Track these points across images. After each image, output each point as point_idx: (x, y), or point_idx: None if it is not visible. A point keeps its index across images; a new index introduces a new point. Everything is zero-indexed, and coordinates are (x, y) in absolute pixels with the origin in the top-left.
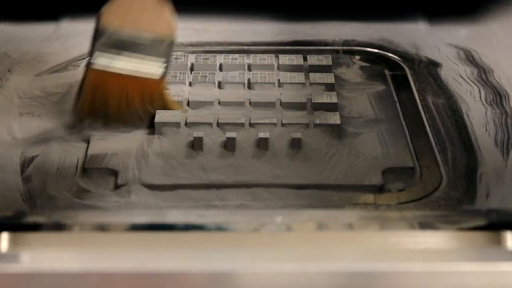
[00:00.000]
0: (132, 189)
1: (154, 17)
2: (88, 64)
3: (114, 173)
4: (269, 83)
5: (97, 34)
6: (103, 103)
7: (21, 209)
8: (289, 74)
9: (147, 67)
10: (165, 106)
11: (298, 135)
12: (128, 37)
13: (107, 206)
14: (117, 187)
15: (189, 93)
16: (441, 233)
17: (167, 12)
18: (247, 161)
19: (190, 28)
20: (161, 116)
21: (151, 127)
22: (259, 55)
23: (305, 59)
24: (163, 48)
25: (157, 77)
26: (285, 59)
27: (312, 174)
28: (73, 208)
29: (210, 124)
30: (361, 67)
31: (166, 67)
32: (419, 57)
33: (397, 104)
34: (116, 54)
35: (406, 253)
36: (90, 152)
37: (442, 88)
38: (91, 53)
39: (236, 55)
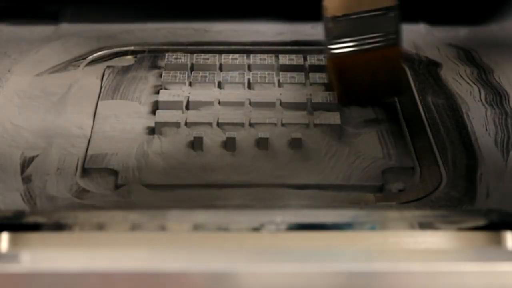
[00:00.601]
0: (132, 189)
1: None
2: (328, 55)
3: (114, 173)
4: (269, 83)
5: (327, 25)
6: (354, 83)
7: (21, 209)
8: (289, 74)
9: (380, 39)
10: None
11: (298, 135)
12: (355, 17)
13: (107, 206)
14: (117, 187)
15: (189, 93)
16: (441, 233)
17: None
18: (247, 161)
19: (190, 28)
20: (161, 116)
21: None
22: (259, 55)
23: (305, 59)
24: (391, 17)
25: (394, 44)
26: (285, 59)
27: (312, 174)
28: (73, 208)
29: (210, 124)
30: None
31: (398, 33)
32: (419, 57)
33: (397, 104)
34: (347, 37)
35: (406, 253)
36: (90, 152)
37: (442, 88)
38: (327, 42)
39: (236, 55)
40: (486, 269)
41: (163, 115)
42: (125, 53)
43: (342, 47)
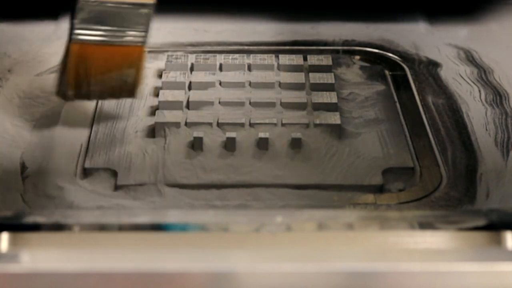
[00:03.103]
0: (132, 189)
1: None
2: (70, 38)
3: (114, 173)
4: (269, 83)
5: (76, 7)
6: (88, 74)
7: (21, 209)
8: (289, 74)
9: (128, 35)
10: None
11: (298, 135)
12: (107, 8)
13: (107, 206)
14: (117, 187)
15: (189, 93)
16: (441, 233)
17: None
18: (247, 161)
19: (190, 28)
20: (161, 116)
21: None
22: (259, 55)
23: (305, 59)
24: (142, 15)
25: (139, 44)
26: (285, 59)
27: (312, 174)
28: (73, 208)
29: (210, 124)
30: (361, 67)
31: (146, 34)
32: (419, 57)
33: (397, 104)
34: (96, 25)
35: (406, 253)
36: (90, 152)
37: (442, 88)
38: (71, 27)
39: (236, 55)
40: (486, 269)
41: (163, 115)
42: None
43: (88, 34)
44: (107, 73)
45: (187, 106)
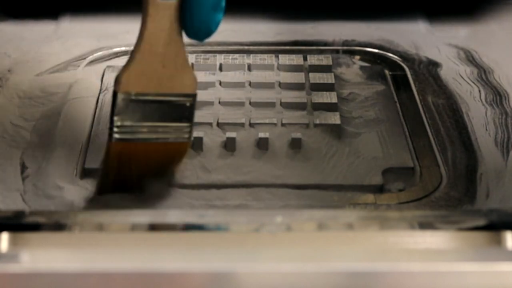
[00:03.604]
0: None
1: (177, 73)
2: (110, 136)
3: None
4: (269, 83)
5: (115, 101)
6: (130, 171)
7: (21, 209)
8: (289, 74)
9: (172, 130)
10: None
11: (298, 135)
12: (147, 101)
13: (107, 206)
14: None
15: None
16: (441, 233)
17: (187, 69)
18: (247, 161)
19: None
20: None
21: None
22: (259, 55)
23: (305, 59)
24: (186, 108)
25: (184, 140)
26: (285, 59)
27: (312, 174)
28: (73, 208)
29: (210, 124)
30: (361, 67)
31: (191, 128)
32: (419, 57)
33: (397, 104)
34: (137, 122)
35: (406, 253)
36: (90, 152)
37: (442, 88)
38: (111, 123)
39: (236, 55)
40: (486, 269)
41: None
42: (125, 53)
43: (129, 131)
44: (149, 168)
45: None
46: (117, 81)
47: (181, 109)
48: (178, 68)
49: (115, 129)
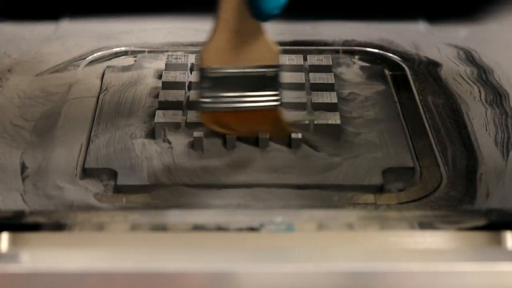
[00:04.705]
0: (132, 189)
1: (254, 47)
2: (200, 108)
3: (114, 173)
4: None
5: (201, 75)
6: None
7: (21, 209)
8: (289, 74)
9: (260, 99)
10: (285, 130)
11: (298, 135)
12: (233, 73)
13: (107, 206)
14: (117, 187)
15: (189, 93)
16: (441, 233)
17: (268, 39)
18: (247, 161)
19: (190, 28)
20: (161, 116)
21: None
22: None
23: (305, 59)
24: (270, 76)
25: (273, 107)
26: (285, 59)
27: (312, 174)
28: (73, 208)
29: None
30: (361, 67)
31: (279, 95)
32: (419, 57)
33: (397, 104)
34: (224, 92)
35: (406, 253)
36: (90, 152)
37: (442, 88)
38: (199, 96)
39: None
40: (486, 269)
41: (163, 116)
42: (125, 53)
43: (216, 102)
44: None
45: (187, 106)
46: (200, 57)
47: (265, 80)
48: (256, 42)
49: (203, 100)
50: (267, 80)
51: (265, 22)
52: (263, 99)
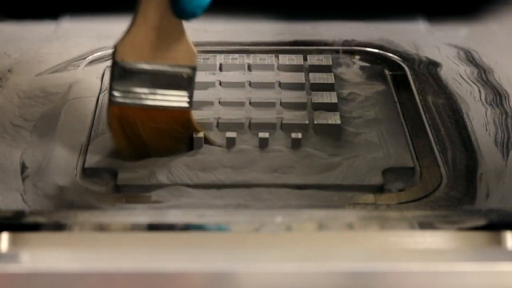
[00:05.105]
0: (132, 189)
1: (172, 45)
2: (109, 101)
3: (114, 173)
4: (269, 83)
5: (114, 68)
6: (136, 136)
7: (21, 209)
8: (289, 74)
9: (170, 99)
10: (193, 130)
11: (298, 135)
12: (145, 70)
13: (107, 206)
14: (117, 187)
15: None
16: (441, 233)
17: (186, 39)
18: (247, 161)
19: (190, 28)
20: None
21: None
22: (259, 55)
23: (305, 59)
24: (185, 77)
25: (184, 108)
26: (285, 59)
27: (312, 174)
28: (73, 208)
29: (210, 124)
30: (361, 67)
31: (191, 96)
32: (419, 57)
33: (397, 104)
34: (134, 87)
35: (406, 253)
36: (90, 152)
37: (442, 88)
38: (110, 89)
39: (236, 55)
40: (486, 269)
41: None
42: None
43: (126, 96)
44: (158, 134)
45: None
46: (114, 50)
47: (179, 79)
48: (175, 41)
49: (114, 93)
50: (181, 80)
51: (187, 21)
52: (173, 98)
